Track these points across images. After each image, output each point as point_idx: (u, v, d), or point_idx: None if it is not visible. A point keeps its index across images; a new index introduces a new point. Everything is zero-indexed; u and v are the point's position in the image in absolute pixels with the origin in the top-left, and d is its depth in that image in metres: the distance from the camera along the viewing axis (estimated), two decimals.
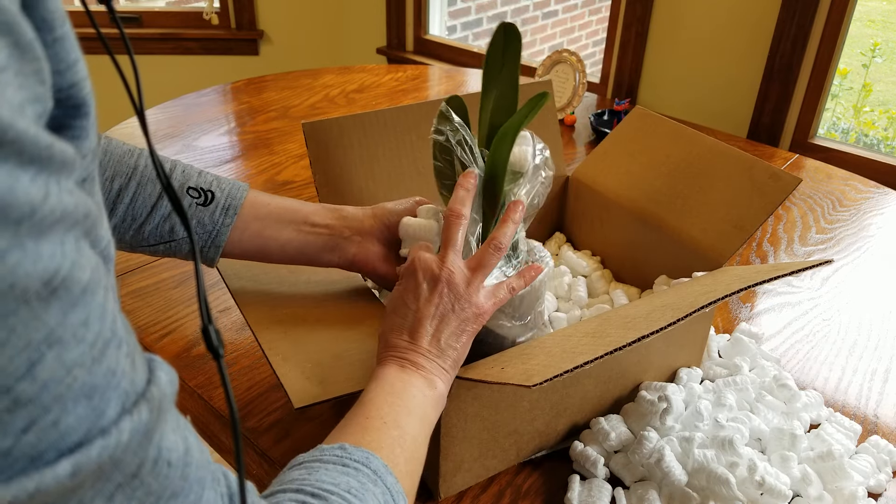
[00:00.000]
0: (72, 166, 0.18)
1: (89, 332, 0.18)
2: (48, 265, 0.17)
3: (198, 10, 2.16)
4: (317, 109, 1.19)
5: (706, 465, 0.47)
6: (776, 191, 0.57)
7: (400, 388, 0.40)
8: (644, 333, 0.40)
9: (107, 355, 0.19)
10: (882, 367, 0.64)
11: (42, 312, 0.16)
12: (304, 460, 0.34)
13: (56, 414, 0.17)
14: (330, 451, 0.34)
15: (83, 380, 0.18)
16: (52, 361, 0.17)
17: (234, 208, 0.49)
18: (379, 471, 0.34)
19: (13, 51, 0.16)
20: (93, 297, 0.18)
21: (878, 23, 3.10)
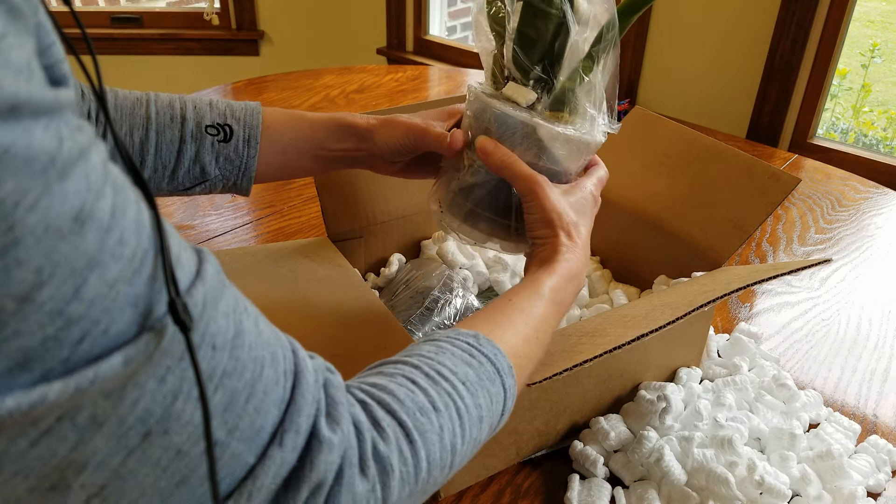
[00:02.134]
0: (72, 105, 0.19)
1: (126, 249, 0.20)
2: (73, 202, 0.18)
3: (198, 10, 2.16)
4: (317, 109, 1.19)
5: (705, 465, 0.47)
6: (775, 191, 0.57)
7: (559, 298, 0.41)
8: (643, 332, 0.40)
9: (146, 265, 0.20)
10: (881, 366, 0.64)
11: (79, 243, 0.18)
12: (439, 337, 0.35)
13: (105, 324, 0.19)
14: (464, 336, 0.35)
15: (126, 291, 0.20)
16: (96, 281, 0.19)
17: (255, 137, 0.50)
18: (503, 370, 0.34)
19: (8, 16, 0.18)
20: (123, 217, 0.20)
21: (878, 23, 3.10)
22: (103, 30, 2.10)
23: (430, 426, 0.30)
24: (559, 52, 0.45)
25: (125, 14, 2.14)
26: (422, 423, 0.29)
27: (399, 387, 0.30)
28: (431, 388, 0.31)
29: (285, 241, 0.64)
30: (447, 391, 0.31)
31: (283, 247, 0.60)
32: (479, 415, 0.32)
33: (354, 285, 0.55)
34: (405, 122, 0.50)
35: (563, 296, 0.42)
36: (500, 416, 0.34)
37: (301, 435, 0.25)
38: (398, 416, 0.29)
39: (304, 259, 0.59)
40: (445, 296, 0.60)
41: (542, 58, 0.45)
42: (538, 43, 0.45)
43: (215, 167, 0.49)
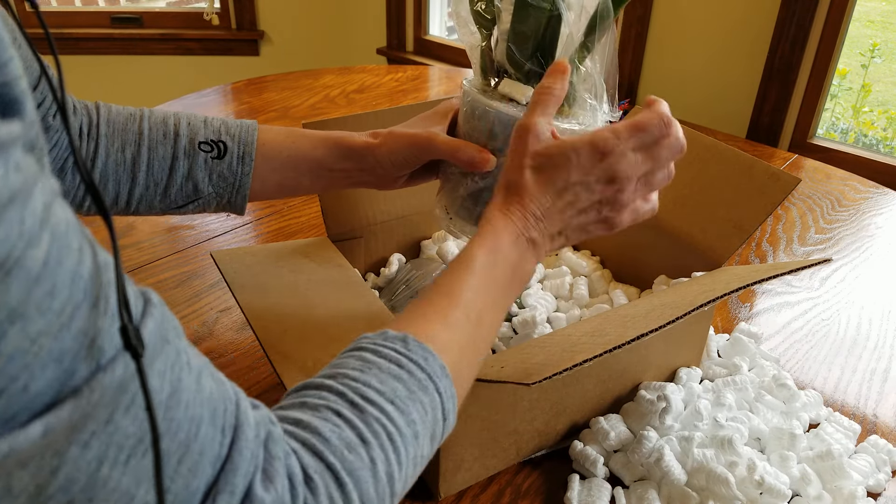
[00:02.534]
0: (19, 139, 0.18)
1: (55, 302, 0.19)
2: (0, 250, 0.17)
3: (198, 10, 2.16)
4: (317, 110, 1.19)
5: (705, 465, 0.47)
6: (775, 191, 0.57)
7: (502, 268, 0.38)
8: (643, 332, 0.40)
9: (77, 319, 0.19)
10: (881, 366, 0.64)
11: (2, 293, 0.17)
12: (366, 346, 0.33)
13: (24, 381, 0.18)
14: (392, 343, 0.33)
15: (50, 347, 0.19)
16: (16, 335, 0.18)
17: (250, 155, 0.49)
18: (434, 374, 0.33)
19: None
20: (58, 267, 0.19)
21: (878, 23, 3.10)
22: (103, 30, 2.10)
23: (361, 462, 0.28)
24: (552, 45, 0.45)
25: (125, 14, 2.14)
26: (350, 462, 0.28)
27: (324, 423, 0.29)
28: (358, 418, 0.29)
29: (285, 241, 0.64)
30: (375, 418, 0.29)
31: (283, 247, 0.60)
32: (413, 432, 0.31)
33: (354, 285, 0.55)
34: (408, 135, 0.49)
35: (495, 271, 0.38)
36: (441, 422, 0.33)
37: (236, 496, 0.24)
38: (326, 458, 0.28)
39: (304, 259, 0.59)
40: None
41: (536, 51, 0.45)
42: (531, 38, 0.44)
43: (208, 184, 0.48)
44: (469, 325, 0.36)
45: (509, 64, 0.46)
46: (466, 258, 0.38)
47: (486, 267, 0.38)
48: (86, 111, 0.48)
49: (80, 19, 2.11)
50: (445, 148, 0.47)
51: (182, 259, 0.75)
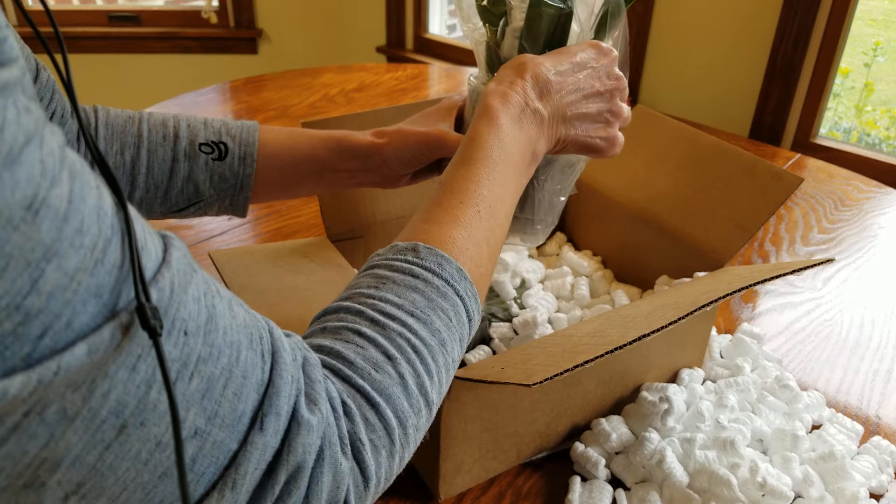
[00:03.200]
0: (19, 84, 0.18)
1: (86, 238, 0.19)
2: (25, 190, 0.17)
3: (196, 8, 2.16)
4: (316, 108, 1.19)
5: (708, 467, 0.46)
6: (778, 190, 0.57)
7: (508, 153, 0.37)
8: (645, 332, 0.39)
9: (109, 252, 0.20)
10: (884, 367, 0.63)
11: (34, 233, 0.17)
12: (377, 263, 0.33)
13: (67, 317, 0.18)
14: (402, 255, 0.32)
15: (88, 282, 0.19)
16: (53, 273, 0.18)
17: (251, 155, 0.48)
18: (452, 278, 0.32)
19: None
20: (82, 204, 0.19)
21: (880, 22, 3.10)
22: (101, 28, 2.10)
23: (390, 379, 0.28)
24: (562, 41, 0.44)
25: (123, 13, 2.13)
26: (379, 382, 0.28)
27: (346, 345, 0.29)
28: (380, 335, 0.29)
29: (284, 240, 0.64)
30: (397, 332, 0.29)
31: (282, 247, 0.60)
32: (439, 340, 0.30)
33: None
34: (417, 133, 0.48)
35: (502, 157, 0.37)
36: (467, 323, 0.33)
37: (282, 417, 0.24)
38: (354, 382, 0.28)
39: (303, 259, 0.58)
40: None
41: (546, 48, 0.45)
42: (543, 34, 0.44)
43: (209, 186, 0.48)
44: (483, 221, 0.35)
45: None
46: (470, 149, 0.37)
47: (491, 155, 0.37)
48: (83, 114, 0.47)
49: (78, 17, 2.11)
50: (457, 146, 0.46)
51: None
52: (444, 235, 0.34)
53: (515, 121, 0.39)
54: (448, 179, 0.37)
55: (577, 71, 0.41)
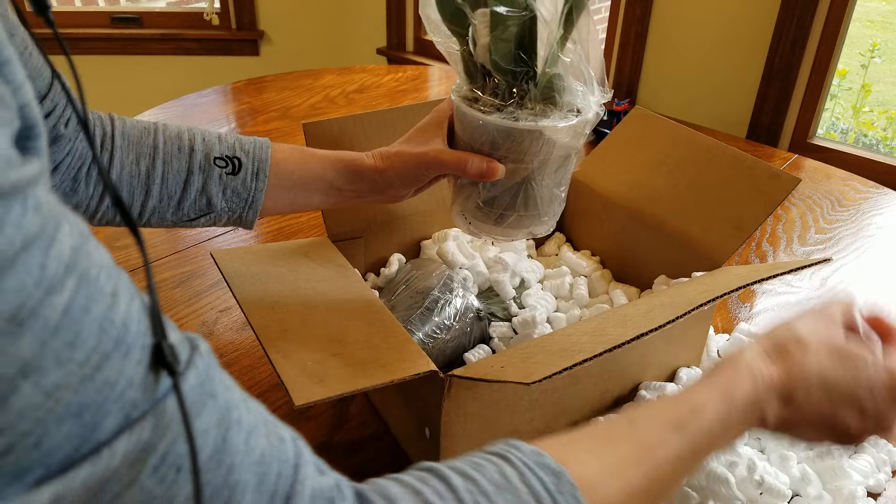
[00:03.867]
0: (36, 181, 0.17)
1: (78, 352, 0.17)
2: (11, 300, 0.16)
3: (198, 10, 2.16)
4: (317, 110, 1.19)
5: (705, 465, 0.47)
6: (775, 191, 0.57)
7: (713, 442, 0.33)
8: (643, 331, 0.40)
9: (105, 369, 0.18)
10: None
11: (11, 346, 0.16)
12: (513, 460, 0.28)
13: (37, 436, 0.17)
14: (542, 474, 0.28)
15: (68, 400, 0.17)
16: (29, 390, 0.16)
17: (264, 171, 0.50)
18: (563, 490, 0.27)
19: None
20: (84, 314, 0.17)
21: (878, 23, 3.10)
22: (103, 30, 2.10)
23: None
24: (532, 44, 0.45)
25: (125, 14, 2.14)
26: None
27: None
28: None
29: (285, 240, 0.64)
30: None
31: (282, 246, 0.60)
32: None
33: (354, 285, 0.55)
34: (415, 154, 0.50)
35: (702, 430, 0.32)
36: None
37: None
38: None
39: (304, 259, 0.59)
40: (445, 296, 0.60)
41: (518, 49, 0.45)
42: (512, 44, 0.45)
43: (222, 199, 0.49)
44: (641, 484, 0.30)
45: (498, 73, 0.46)
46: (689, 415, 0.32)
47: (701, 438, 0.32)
48: (100, 122, 0.48)
49: (80, 19, 2.11)
50: (453, 163, 0.48)
51: (182, 259, 0.75)
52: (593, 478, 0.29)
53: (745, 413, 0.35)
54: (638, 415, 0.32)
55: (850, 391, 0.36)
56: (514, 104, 0.46)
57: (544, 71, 0.45)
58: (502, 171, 0.47)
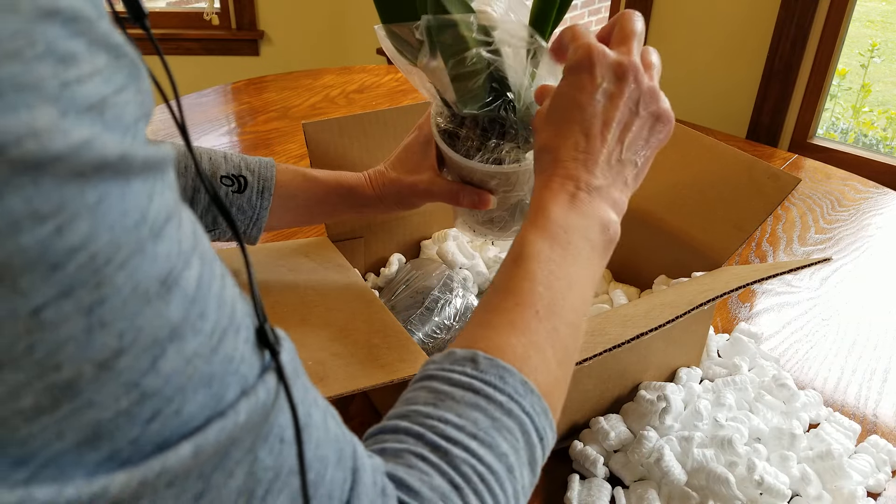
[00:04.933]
0: (169, 163, 0.19)
1: (206, 323, 0.19)
2: (163, 265, 0.18)
3: (198, 10, 2.16)
4: (317, 110, 1.19)
5: (705, 465, 0.47)
6: (775, 191, 0.57)
7: (565, 240, 0.34)
8: (643, 331, 0.40)
9: (224, 343, 0.19)
10: (881, 366, 0.64)
11: (164, 310, 0.18)
12: (434, 373, 0.29)
13: (178, 403, 0.18)
14: (461, 366, 0.29)
15: (202, 369, 0.19)
16: (174, 355, 0.18)
17: (269, 189, 0.51)
18: (516, 393, 0.29)
19: (129, 71, 0.18)
20: (208, 290, 0.19)
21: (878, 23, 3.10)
22: None
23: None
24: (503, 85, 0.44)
25: (124, 14, 2.14)
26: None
27: (409, 472, 0.26)
28: (443, 461, 0.27)
29: (285, 240, 0.64)
30: (462, 459, 0.27)
31: (282, 246, 0.60)
32: (506, 465, 0.28)
33: (354, 285, 0.55)
34: (407, 185, 0.51)
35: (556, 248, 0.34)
36: (537, 444, 0.29)
37: None
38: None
39: (304, 259, 0.59)
40: (445, 296, 0.60)
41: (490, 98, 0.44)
42: (481, 90, 0.43)
43: None
44: (542, 322, 0.32)
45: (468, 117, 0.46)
46: (519, 245, 0.34)
47: (544, 248, 0.34)
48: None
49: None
50: (445, 195, 0.50)
51: None
52: (502, 343, 0.30)
53: (567, 208, 0.35)
54: (500, 279, 0.34)
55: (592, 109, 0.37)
56: (495, 138, 0.45)
57: (520, 105, 0.44)
58: (494, 202, 0.49)
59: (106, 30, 0.17)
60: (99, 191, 0.16)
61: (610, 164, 0.37)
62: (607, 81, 0.37)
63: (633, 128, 0.37)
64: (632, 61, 0.38)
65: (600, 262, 0.36)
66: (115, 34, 0.18)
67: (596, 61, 0.37)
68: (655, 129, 0.38)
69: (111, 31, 0.18)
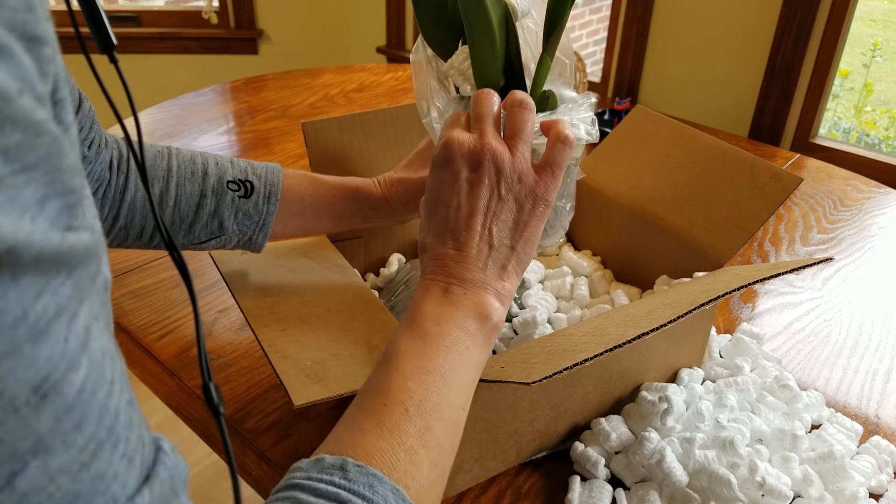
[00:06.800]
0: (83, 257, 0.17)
1: (81, 436, 0.17)
2: (41, 368, 0.16)
3: (197, 9, 2.16)
4: (316, 109, 1.19)
5: (707, 466, 0.46)
6: (777, 190, 0.57)
7: (437, 333, 0.33)
8: (644, 331, 0.39)
9: (98, 458, 0.18)
10: (883, 367, 0.63)
11: (33, 420, 0.16)
12: (300, 482, 0.28)
13: None
14: (328, 476, 0.28)
15: (66, 488, 0.17)
16: (36, 470, 0.16)
17: (275, 195, 0.50)
18: (386, 502, 0.28)
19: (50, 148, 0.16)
20: (92, 397, 0.17)
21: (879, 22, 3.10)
22: None
23: None
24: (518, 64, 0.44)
25: (123, 13, 2.13)
26: None
27: None
28: None
29: (285, 240, 0.64)
30: None
31: (282, 246, 0.60)
32: None
33: (354, 285, 0.55)
34: (415, 181, 0.51)
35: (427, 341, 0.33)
36: None
37: None
38: None
39: (303, 258, 0.58)
40: None
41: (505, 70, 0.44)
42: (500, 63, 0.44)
43: (234, 222, 0.49)
44: (412, 420, 0.31)
45: None
46: (391, 344, 0.34)
47: (416, 343, 0.33)
48: (116, 145, 0.48)
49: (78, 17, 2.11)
50: None
51: (185, 256, 0.75)
52: (370, 447, 0.29)
53: (440, 301, 0.35)
54: (370, 380, 0.33)
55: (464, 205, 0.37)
56: None
57: (533, 89, 0.45)
58: None
59: (25, 106, 0.16)
60: None
61: (481, 255, 0.37)
62: (466, 170, 0.37)
63: (500, 214, 0.37)
64: (485, 145, 0.37)
65: (481, 352, 0.36)
66: (36, 111, 0.16)
67: (454, 153, 0.37)
68: (525, 209, 0.38)
69: (32, 108, 0.16)
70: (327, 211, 0.53)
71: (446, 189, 0.37)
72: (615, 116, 1.17)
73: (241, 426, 0.53)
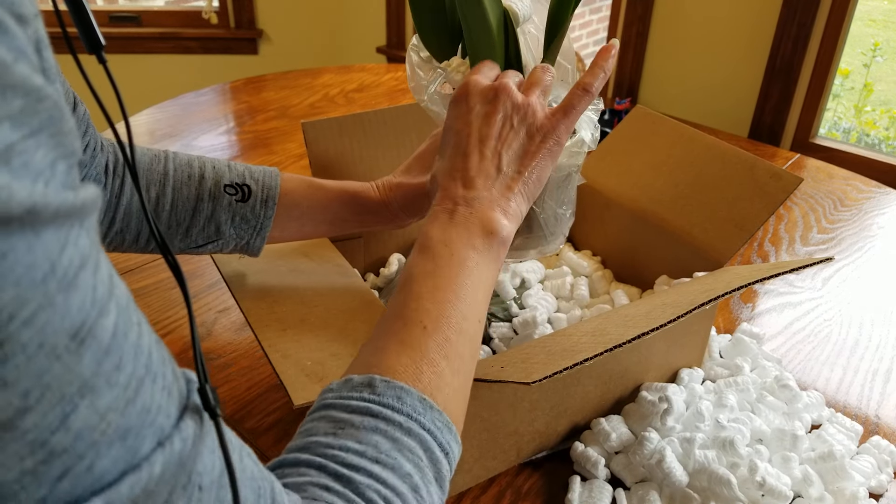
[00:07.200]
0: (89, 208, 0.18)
1: (122, 375, 0.18)
2: (76, 317, 0.17)
3: (197, 9, 2.16)
4: (316, 109, 1.19)
5: (707, 466, 0.46)
6: (777, 190, 0.57)
7: (447, 253, 0.35)
8: (644, 331, 0.40)
9: (141, 394, 0.19)
10: (883, 367, 0.63)
11: (75, 364, 0.17)
12: (331, 402, 0.30)
13: (90, 460, 0.17)
14: (358, 392, 0.30)
15: (117, 423, 0.18)
16: (86, 410, 0.17)
17: (273, 199, 0.50)
18: (415, 411, 0.30)
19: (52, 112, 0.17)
20: (124, 339, 0.18)
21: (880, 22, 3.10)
22: (101, 28, 2.09)
23: None
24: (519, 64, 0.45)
25: (124, 13, 2.13)
26: None
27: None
28: (349, 489, 0.27)
29: None
30: (366, 485, 0.27)
31: (282, 246, 0.60)
32: (411, 485, 0.28)
33: (354, 285, 0.55)
34: (414, 185, 0.51)
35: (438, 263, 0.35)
36: (442, 459, 0.30)
37: None
38: None
39: (303, 259, 0.58)
40: None
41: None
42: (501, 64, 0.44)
43: (230, 226, 0.49)
44: (431, 336, 0.33)
45: None
46: (405, 271, 0.36)
47: (427, 266, 0.35)
48: (112, 149, 0.48)
49: (66, 18, 2.11)
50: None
51: (181, 259, 0.75)
52: (395, 364, 0.31)
53: (446, 224, 0.37)
54: (389, 307, 0.35)
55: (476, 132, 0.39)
56: None
57: None
58: None
59: (23, 73, 0.16)
60: (2, 245, 0.15)
61: (489, 177, 0.39)
62: (480, 104, 0.40)
63: (511, 143, 0.40)
64: (503, 83, 0.40)
65: (490, 267, 0.37)
66: (33, 77, 0.17)
67: (470, 91, 0.41)
68: (535, 140, 0.40)
69: (29, 74, 0.16)
70: (325, 215, 0.53)
71: (460, 122, 0.40)
72: (615, 116, 1.17)
73: (241, 426, 0.53)
